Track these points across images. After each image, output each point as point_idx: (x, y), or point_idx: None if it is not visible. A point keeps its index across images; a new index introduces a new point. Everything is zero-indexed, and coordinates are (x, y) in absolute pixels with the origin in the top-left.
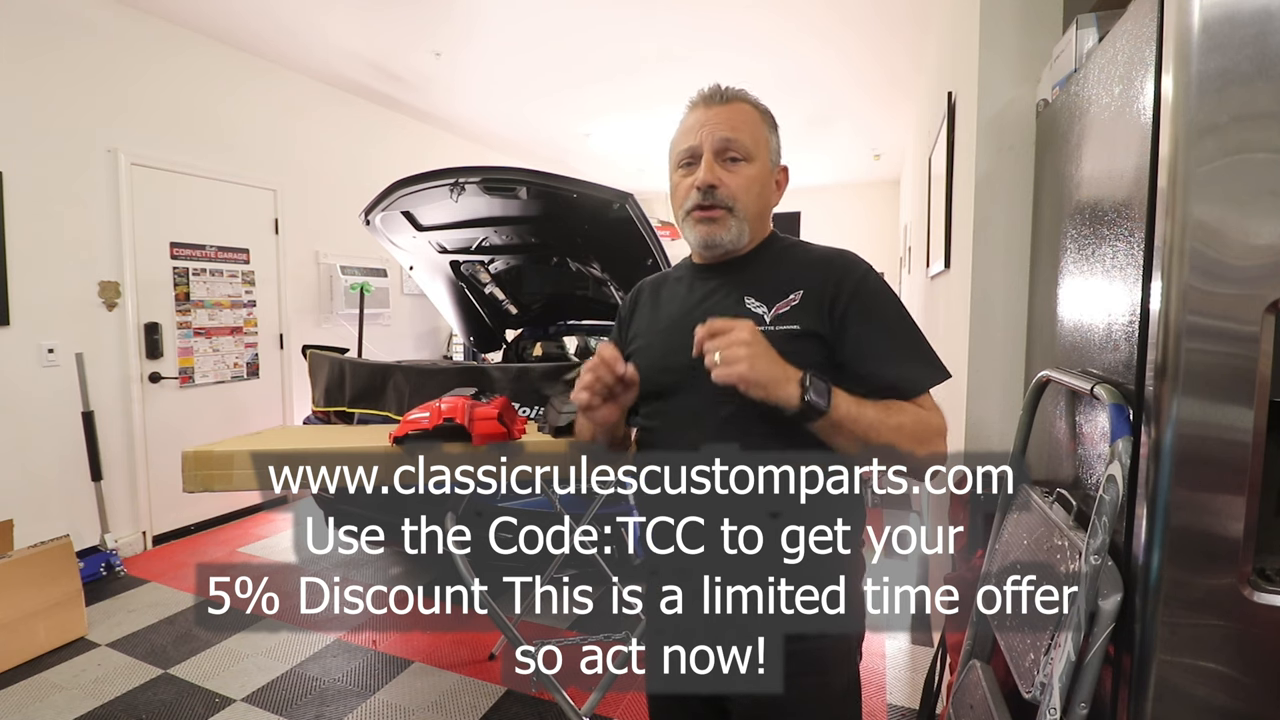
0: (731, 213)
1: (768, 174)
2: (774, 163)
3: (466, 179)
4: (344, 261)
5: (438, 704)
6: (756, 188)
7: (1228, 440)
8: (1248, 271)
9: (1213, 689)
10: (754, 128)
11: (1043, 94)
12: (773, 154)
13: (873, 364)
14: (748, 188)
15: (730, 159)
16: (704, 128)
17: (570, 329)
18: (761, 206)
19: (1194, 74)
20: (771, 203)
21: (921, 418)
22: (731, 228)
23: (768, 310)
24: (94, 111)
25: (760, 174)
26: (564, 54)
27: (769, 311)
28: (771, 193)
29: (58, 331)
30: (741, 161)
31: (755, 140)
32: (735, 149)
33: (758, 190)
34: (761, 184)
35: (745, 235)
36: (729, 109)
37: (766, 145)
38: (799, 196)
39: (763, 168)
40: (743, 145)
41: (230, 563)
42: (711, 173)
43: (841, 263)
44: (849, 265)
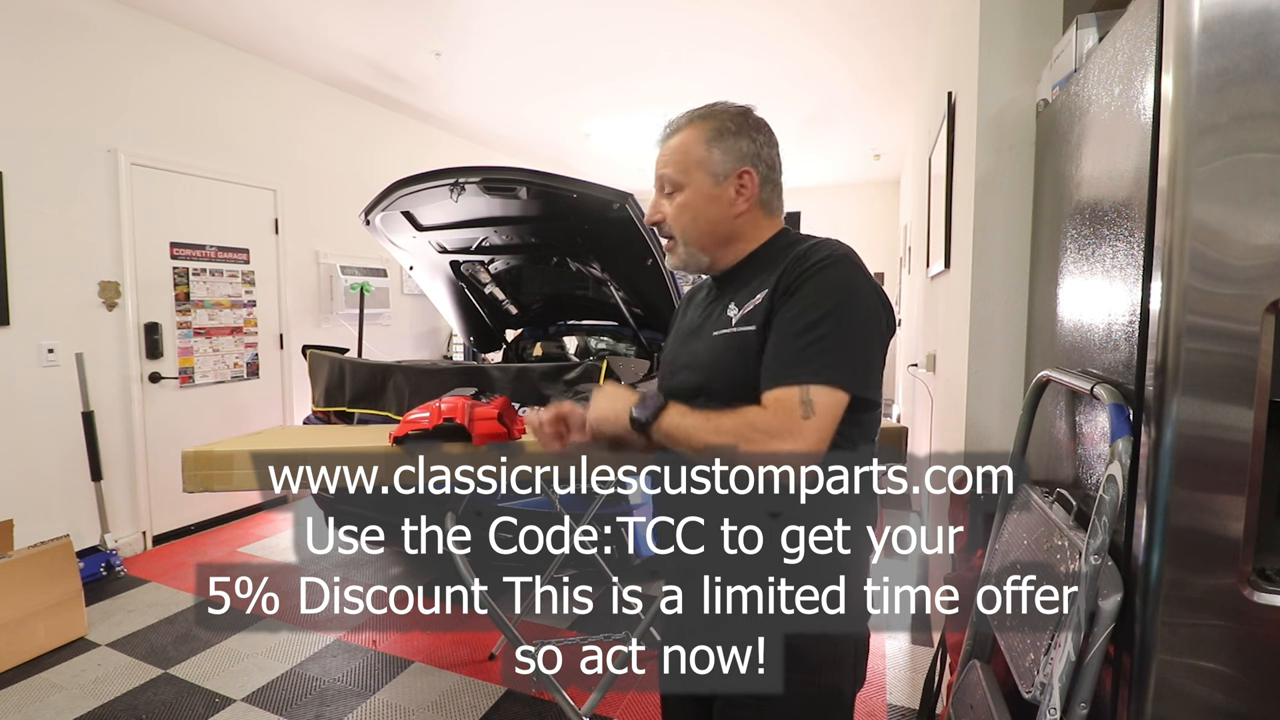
0: (676, 240)
1: (705, 193)
2: (720, 174)
3: (466, 179)
4: (344, 261)
5: (438, 704)
6: (689, 213)
7: (1228, 440)
8: (1248, 271)
9: (1213, 689)
10: (684, 154)
11: (1043, 94)
12: (714, 167)
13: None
14: (679, 215)
15: (668, 194)
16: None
17: (570, 329)
18: (707, 225)
19: (1194, 74)
20: (729, 213)
21: (748, 418)
22: (679, 253)
23: (738, 312)
24: (94, 111)
25: (692, 198)
26: (564, 54)
27: (738, 313)
28: (725, 205)
29: (58, 331)
30: (674, 193)
31: (684, 166)
32: (667, 182)
33: (691, 215)
34: (696, 207)
35: (699, 257)
36: (670, 144)
37: (701, 165)
38: (799, 196)
39: (696, 190)
40: (671, 178)
41: (230, 563)
42: (654, 210)
43: (802, 251)
44: (805, 255)
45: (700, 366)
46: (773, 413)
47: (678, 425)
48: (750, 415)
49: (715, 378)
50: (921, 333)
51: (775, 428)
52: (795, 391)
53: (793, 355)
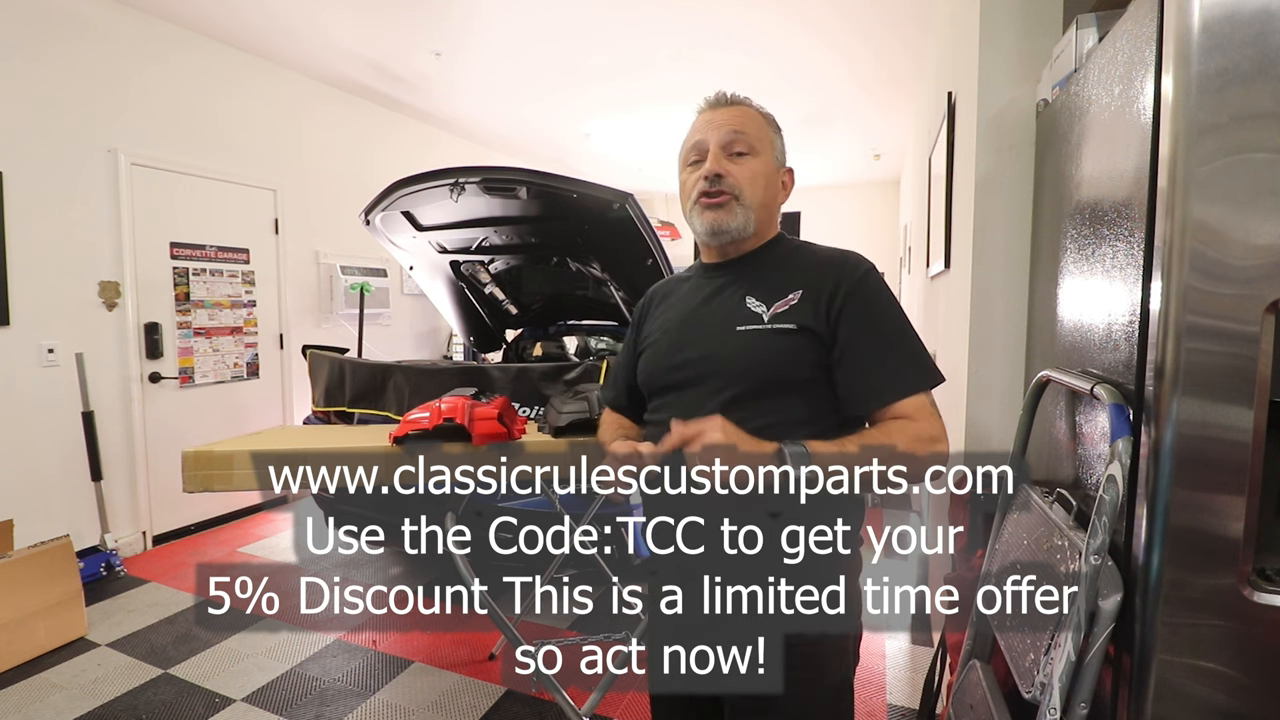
0: (738, 200)
1: (773, 171)
2: (779, 162)
3: (466, 179)
4: (344, 261)
5: (438, 704)
6: (762, 180)
7: (1228, 440)
8: (1248, 271)
9: (1213, 689)
10: (758, 127)
11: (1043, 94)
12: (778, 154)
13: (862, 366)
14: (752, 179)
15: (736, 153)
16: (710, 125)
17: (570, 329)
18: (767, 200)
19: (1194, 74)
20: (778, 201)
21: (912, 432)
22: (737, 214)
23: (766, 309)
24: (94, 111)
25: (765, 169)
26: (564, 54)
27: (768, 310)
28: (777, 191)
29: (58, 331)
30: (747, 155)
31: (760, 137)
32: (740, 144)
33: (763, 183)
34: (766, 178)
35: (751, 225)
36: (735, 110)
37: (771, 145)
38: (799, 196)
39: (767, 164)
40: (748, 140)
41: (230, 563)
42: (718, 162)
43: (842, 262)
44: (849, 265)
45: (721, 359)
46: (927, 421)
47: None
48: (910, 430)
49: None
50: (921, 333)
51: (936, 434)
52: (926, 398)
53: (901, 365)
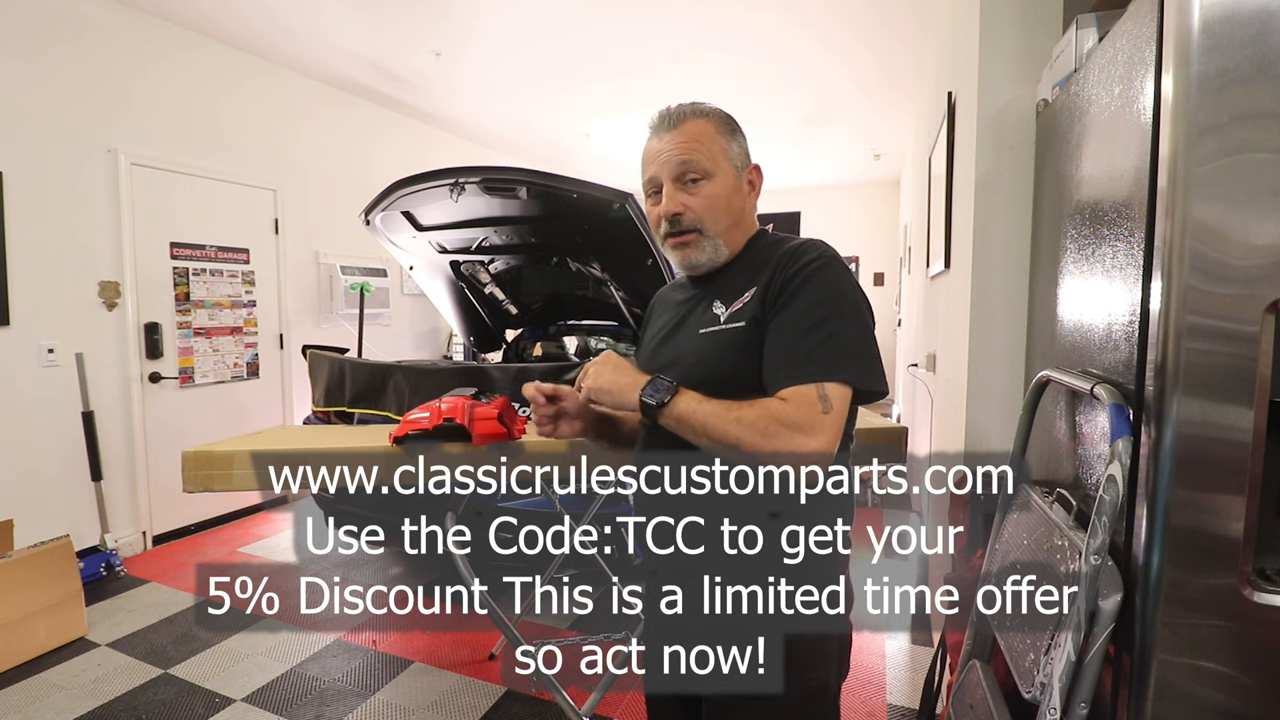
0: (701, 233)
1: (733, 185)
2: (739, 167)
3: (466, 179)
4: (344, 261)
5: (438, 704)
6: (722, 202)
7: (1228, 440)
8: (1248, 271)
9: (1213, 689)
10: (709, 143)
11: (1043, 94)
12: (735, 159)
13: (773, 349)
14: (711, 206)
15: (690, 181)
16: (660, 156)
17: (570, 329)
18: (733, 217)
19: (1194, 74)
20: (747, 207)
21: (770, 410)
22: (705, 248)
23: (725, 310)
24: (94, 111)
25: (723, 188)
26: (564, 54)
27: (725, 311)
28: (744, 199)
29: (58, 331)
30: (702, 181)
31: (711, 155)
32: (692, 170)
33: (724, 204)
34: (726, 197)
35: (721, 250)
36: (681, 131)
37: (726, 154)
38: (799, 196)
39: (725, 180)
40: (699, 165)
41: (230, 563)
42: (674, 201)
43: (791, 251)
44: (797, 253)
45: (686, 364)
46: (794, 406)
47: (694, 411)
48: (772, 407)
49: (703, 373)
50: (921, 333)
51: (799, 421)
52: (813, 388)
53: (804, 353)
